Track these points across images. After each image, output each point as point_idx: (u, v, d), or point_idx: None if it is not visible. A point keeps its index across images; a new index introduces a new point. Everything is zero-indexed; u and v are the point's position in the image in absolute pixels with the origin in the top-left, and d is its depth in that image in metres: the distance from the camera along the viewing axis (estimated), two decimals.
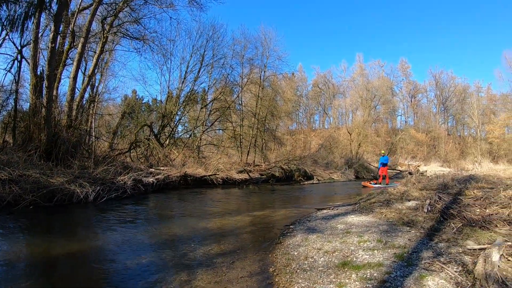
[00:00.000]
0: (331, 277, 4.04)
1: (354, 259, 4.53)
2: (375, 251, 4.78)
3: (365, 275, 3.92)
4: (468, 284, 3.48)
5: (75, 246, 5.58)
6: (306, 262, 4.68)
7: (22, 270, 4.47)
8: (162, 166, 16.10)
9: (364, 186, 18.24)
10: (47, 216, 7.90)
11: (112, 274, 4.43)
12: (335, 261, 4.56)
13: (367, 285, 3.66)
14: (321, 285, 3.85)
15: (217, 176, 17.42)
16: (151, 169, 14.56)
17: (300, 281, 4.05)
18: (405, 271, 3.93)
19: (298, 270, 4.40)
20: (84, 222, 7.92)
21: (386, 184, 18.00)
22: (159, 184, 13.65)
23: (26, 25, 10.89)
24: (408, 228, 5.99)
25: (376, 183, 18.55)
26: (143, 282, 4.12)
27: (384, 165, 18.95)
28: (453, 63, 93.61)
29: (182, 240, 6.21)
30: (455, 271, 3.81)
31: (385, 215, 7.17)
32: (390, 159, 46.73)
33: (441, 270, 3.88)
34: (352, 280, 3.84)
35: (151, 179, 13.08)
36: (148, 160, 17.29)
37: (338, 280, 3.92)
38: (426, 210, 6.89)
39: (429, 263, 4.13)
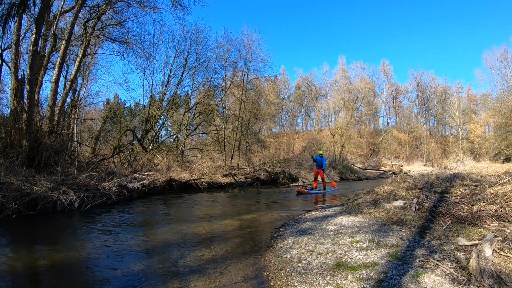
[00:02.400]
0: (327, 279, 4.04)
1: (349, 260, 4.55)
2: (369, 251, 4.82)
3: (361, 276, 3.95)
4: (464, 280, 3.55)
5: (60, 255, 5.43)
6: (300, 264, 4.67)
7: (4, 283, 4.31)
8: (147, 171, 15.89)
9: (299, 193, 15.36)
10: (31, 225, 7.70)
11: (100, 284, 4.33)
12: (330, 262, 4.56)
13: (365, 286, 3.69)
14: (318, 287, 3.84)
15: (202, 180, 17.29)
16: (135, 174, 14.36)
17: (296, 284, 4.04)
18: (400, 270, 3.97)
19: (293, 273, 4.38)
20: (69, 230, 7.73)
21: (324, 189, 16.73)
22: (144, 190, 13.49)
23: (7, 26, 10.61)
24: (398, 227, 6.07)
25: (312, 189, 16.28)
26: None
27: (320, 167, 16.76)
28: (434, 64, 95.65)
29: (171, 246, 6.10)
30: (450, 268, 3.87)
31: (374, 215, 7.23)
32: (374, 159, 47.44)
33: (436, 267, 3.94)
34: (349, 281, 3.86)
35: (136, 185, 12.90)
36: (132, 165, 17.03)
37: (335, 281, 3.92)
38: (414, 209, 6.99)
39: (423, 260, 4.19)
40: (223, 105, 28.57)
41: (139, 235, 7.22)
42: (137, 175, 14.43)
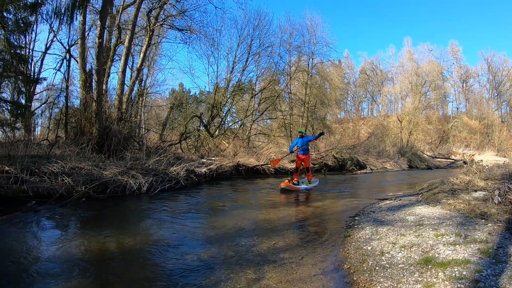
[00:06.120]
0: (415, 275, 3.60)
1: (436, 255, 4.04)
2: (457, 246, 4.26)
3: (453, 274, 3.47)
4: None
5: (129, 239, 5.24)
6: (383, 258, 4.20)
7: (75, 265, 4.15)
8: (213, 157, 15.93)
9: (284, 190, 11.18)
10: (100, 208, 7.69)
11: (170, 271, 4.05)
12: (415, 257, 4.08)
13: (458, 285, 3.25)
14: (406, 285, 3.44)
15: (269, 165, 16.99)
16: (202, 160, 14.45)
17: (381, 280, 3.61)
18: (495, 269, 3.51)
19: (377, 267, 3.92)
20: (138, 214, 7.63)
21: (309, 183, 12.47)
22: (211, 174, 13.49)
23: (75, 14, 10.89)
24: (483, 220, 5.43)
25: (297, 182, 11.82)
26: (206, 280, 3.74)
27: (305, 150, 12.38)
28: (506, 44, 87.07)
29: (242, 232, 5.78)
30: None
31: (454, 206, 6.51)
32: (442, 147, 44.66)
33: None
34: (440, 279, 3.40)
35: (203, 170, 12.87)
36: (199, 150, 17.32)
37: (424, 279, 3.48)
38: (497, 201, 6.21)
39: None
40: (288, 90, 28.19)
41: (208, 220, 7.05)
42: (205, 160, 14.49)
